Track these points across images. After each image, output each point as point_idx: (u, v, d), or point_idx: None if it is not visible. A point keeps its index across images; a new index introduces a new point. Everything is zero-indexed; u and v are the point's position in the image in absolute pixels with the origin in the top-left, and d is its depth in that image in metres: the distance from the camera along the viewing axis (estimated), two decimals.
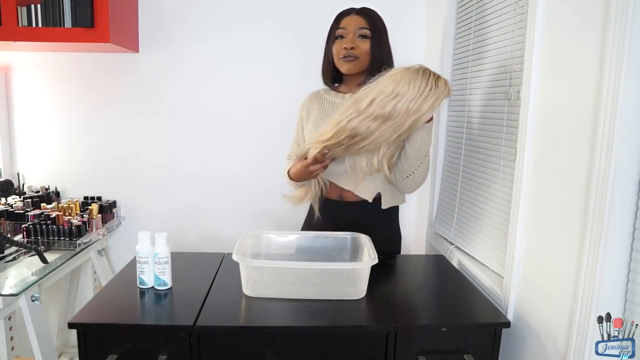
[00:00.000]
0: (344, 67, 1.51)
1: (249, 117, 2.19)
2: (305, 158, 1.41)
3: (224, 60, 2.14)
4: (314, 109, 1.59)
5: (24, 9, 1.80)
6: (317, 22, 2.05)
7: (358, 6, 1.54)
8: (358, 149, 1.33)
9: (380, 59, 1.49)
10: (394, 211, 1.61)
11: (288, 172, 1.53)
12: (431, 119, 1.33)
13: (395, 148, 1.41)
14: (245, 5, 2.11)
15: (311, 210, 1.62)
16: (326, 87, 1.63)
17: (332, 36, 1.53)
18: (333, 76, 1.58)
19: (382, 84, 1.28)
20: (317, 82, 1.65)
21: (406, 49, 2.16)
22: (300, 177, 1.47)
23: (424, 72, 1.26)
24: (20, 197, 2.04)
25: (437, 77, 1.27)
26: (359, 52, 1.48)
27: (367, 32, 1.49)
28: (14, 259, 1.64)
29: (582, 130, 0.98)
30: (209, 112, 2.18)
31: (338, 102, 1.55)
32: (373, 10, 1.54)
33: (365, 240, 1.35)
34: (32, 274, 1.53)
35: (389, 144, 1.36)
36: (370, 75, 1.46)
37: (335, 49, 1.52)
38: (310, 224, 1.62)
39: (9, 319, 1.58)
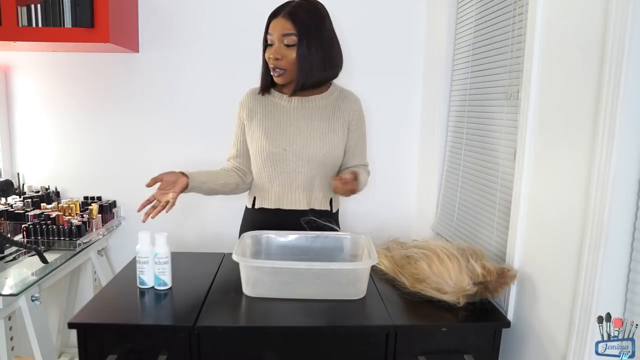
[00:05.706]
0: (274, 79, 1.41)
1: None
2: None
3: (224, 60, 2.14)
4: (257, 111, 1.48)
5: (24, 9, 1.80)
6: None
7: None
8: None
9: (309, 66, 1.36)
10: (337, 213, 1.59)
11: None
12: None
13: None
14: (245, 5, 2.11)
15: (245, 218, 1.61)
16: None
17: (264, 41, 1.40)
18: (271, 80, 1.44)
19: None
20: None
21: (406, 49, 2.17)
22: None
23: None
24: (20, 197, 2.04)
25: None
26: (285, 63, 1.36)
27: (292, 39, 1.33)
28: (14, 259, 1.64)
29: (582, 130, 0.98)
30: (209, 111, 2.18)
31: (284, 104, 1.46)
32: (304, 7, 1.36)
33: (365, 241, 1.34)
34: (32, 274, 1.53)
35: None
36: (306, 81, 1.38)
37: (265, 56, 1.40)
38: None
39: (9, 319, 1.58)
